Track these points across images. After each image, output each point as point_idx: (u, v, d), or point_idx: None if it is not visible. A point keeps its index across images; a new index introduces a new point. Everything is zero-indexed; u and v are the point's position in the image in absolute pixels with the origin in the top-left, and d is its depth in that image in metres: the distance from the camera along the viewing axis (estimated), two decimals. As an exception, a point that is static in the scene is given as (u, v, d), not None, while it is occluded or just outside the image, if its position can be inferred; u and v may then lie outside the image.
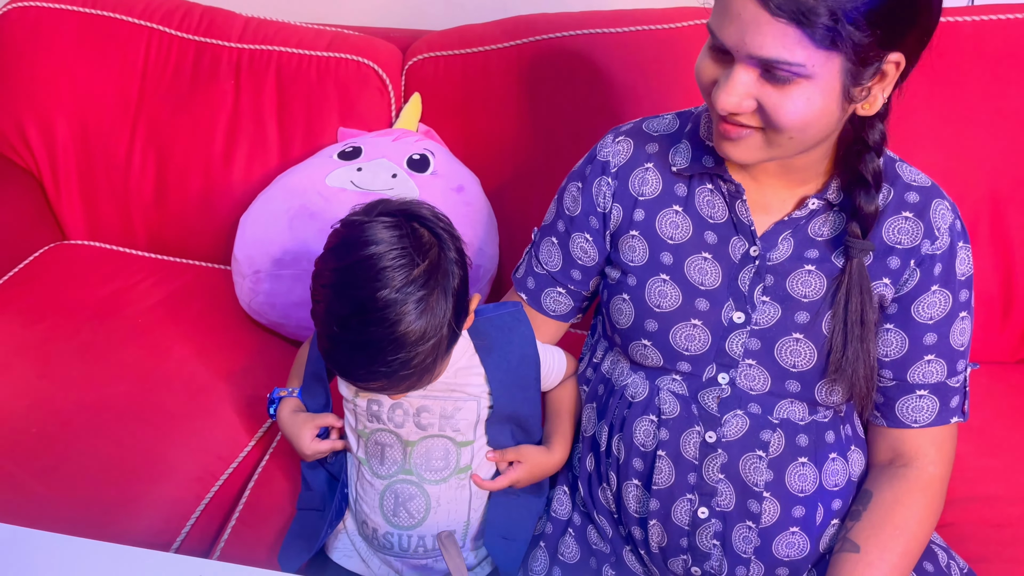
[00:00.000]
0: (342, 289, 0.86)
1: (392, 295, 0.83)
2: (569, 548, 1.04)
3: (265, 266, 1.40)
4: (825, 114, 0.81)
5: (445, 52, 1.55)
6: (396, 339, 0.84)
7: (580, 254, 1.04)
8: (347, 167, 1.44)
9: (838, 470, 0.97)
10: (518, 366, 1.00)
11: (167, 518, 1.17)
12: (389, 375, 0.86)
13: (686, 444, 0.96)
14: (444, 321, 0.87)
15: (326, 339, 0.88)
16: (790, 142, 0.84)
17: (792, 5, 0.74)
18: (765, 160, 0.87)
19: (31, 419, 1.26)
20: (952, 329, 0.94)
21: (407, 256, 0.85)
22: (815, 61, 0.77)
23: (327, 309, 0.87)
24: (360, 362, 0.86)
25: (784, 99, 0.80)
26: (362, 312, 0.84)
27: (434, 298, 0.86)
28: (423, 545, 1.01)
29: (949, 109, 1.33)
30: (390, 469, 0.99)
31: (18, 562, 0.86)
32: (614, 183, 1.00)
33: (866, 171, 0.88)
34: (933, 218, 0.92)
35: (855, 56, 0.77)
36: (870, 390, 0.93)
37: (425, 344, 0.85)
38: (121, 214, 1.65)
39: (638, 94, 1.43)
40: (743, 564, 0.96)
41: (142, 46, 1.61)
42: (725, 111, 0.83)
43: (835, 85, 0.80)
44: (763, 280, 0.94)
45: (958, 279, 0.93)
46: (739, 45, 0.79)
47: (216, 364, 1.39)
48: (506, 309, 1.02)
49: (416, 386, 0.90)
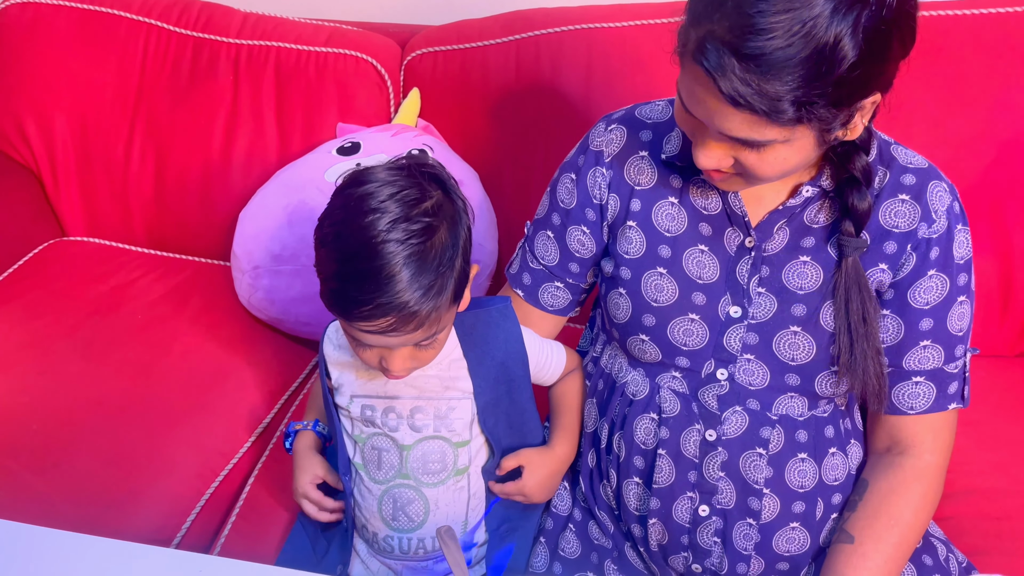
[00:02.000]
0: (347, 223, 0.84)
1: (399, 223, 0.82)
2: (570, 544, 1.04)
3: (264, 262, 1.40)
4: (803, 159, 0.83)
5: (444, 47, 1.54)
6: (408, 262, 0.82)
7: (577, 247, 1.03)
8: (346, 162, 1.44)
9: (838, 465, 0.97)
10: (503, 362, 0.98)
11: (167, 514, 1.17)
12: (392, 308, 0.82)
13: (686, 443, 0.96)
14: (452, 257, 0.85)
15: (331, 279, 0.85)
16: (768, 180, 0.85)
17: (755, 102, 0.74)
18: (752, 186, 0.89)
19: (31, 416, 1.26)
20: (950, 314, 0.93)
21: (416, 189, 0.85)
22: (784, 134, 0.78)
23: (333, 245, 0.85)
24: (367, 292, 0.82)
25: (761, 160, 0.81)
26: (370, 240, 0.82)
27: (443, 231, 0.85)
28: (423, 547, 1.01)
29: (948, 102, 1.33)
30: (387, 474, 0.99)
31: (19, 559, 0.86)
32: (609, 173, 0.99)
33: (855, 170, 0.88)
34: (930, 200, 0.91)
35: (824, 122, 0.78)
36: (882, 385, 0.92)
37: (431, 274, 0.83)
38: (120, 210, 1.65)
39: (637, 89, 1.43)
40: (744, 561, 0.96)
41: (140, 42, 1.61)
42: (705, 170, 0.85)
43: (809, 140, 0.80)
44: (759, 271, 0.94)
45: (956, 263, 0.92)
46: (709, 123, 0.80)
47: (216, 360, 1.39)
48: (493, 304, 1.01)
49: (419, 331, 0.85)
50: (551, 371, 1.05)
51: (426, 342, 0.88)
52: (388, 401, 0.97)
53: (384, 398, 0.97)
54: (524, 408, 1.03)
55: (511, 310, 1.01)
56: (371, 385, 0.98)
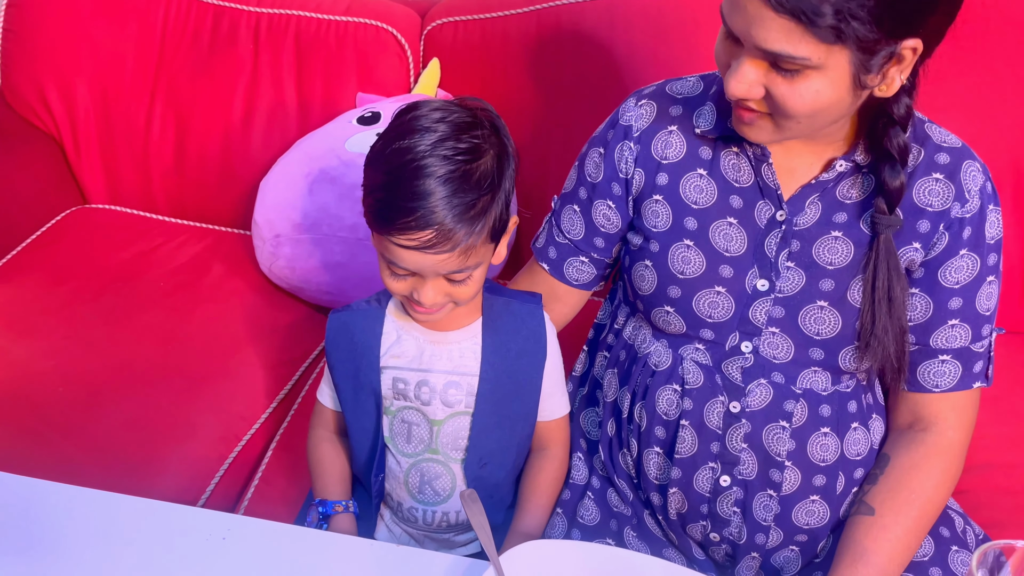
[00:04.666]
0: (396, 139, 0.85)
1: (446, 141, 0.83)
2: (589, 511, 1.05)
3: (285, 230, 1.41)
4: (835, 102, 0.82)
5: (464, 17, 1.54)
6: (450, 177, 0.83)
7: (603, 221, 1.02)
8: (366, 132, 1.44)
9: (860, 439, 0.97)
10: (517, 358, 0.97)
11: (191, 476, 1.19)
12: (431, 222, 0.82)
13: (710, 414, 0.96)
14: (493, 187, 0.86)
15: (377, 191, 0.85)
16: (800, 126, 0.84)
17: (795, 3, 0.74)
18: (780, 140, 0.88)
19: (57, 379, 1.28)
20: (979, 294, 0.93)
21: (468, 118, 0.86)
22: (821, 55, 0.77)
23: (381, 159, 0.86)
24: (410, 202, 0.83)
25: (792, 90, 0.80)
26: (416, 154, 0.83)
27: (488, 158, 0.86)
28: (447, 520, 1.01)
29: (974, 77, 1.32)
30: (416, 448, 0.98)
31: (50, 517, 0.88)
32: (636, 147, 0.99)
33: (891, 146, 0.87)
34: (964, 180, 0.91)
35: (863, 49, 0.77)
36: (902, 365, 0.93)
37: (471, 194, 0.84)
38: (141, 178, 1.66)
39: (657, 59, 1.42)
40: (762, 531, 0.97)
41: (160, 10, 1.61)
42: (734, 98, 0.84)
43: (844, 75, 0.79)
44: (789, 245, 0.94)
45: (987, 243, 0.92)
46: (745, 36, 0.79)
47: (237, 327, 1.40)
48: (528, 300, 0.99)
49: (454, 255, 0.85)
50: (548, 405, 1.01)
51: (459, 276, 0.87)
52: (422, 374, 0.96)
53: (418, 371, 0.96)
54: (522, 411, 0.99)
55: (541, 311, 0.99)
56: (404, 358, 0.97)
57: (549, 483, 1.03)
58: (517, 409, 0.99)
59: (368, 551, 0.88)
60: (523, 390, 0.98)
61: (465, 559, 0.86)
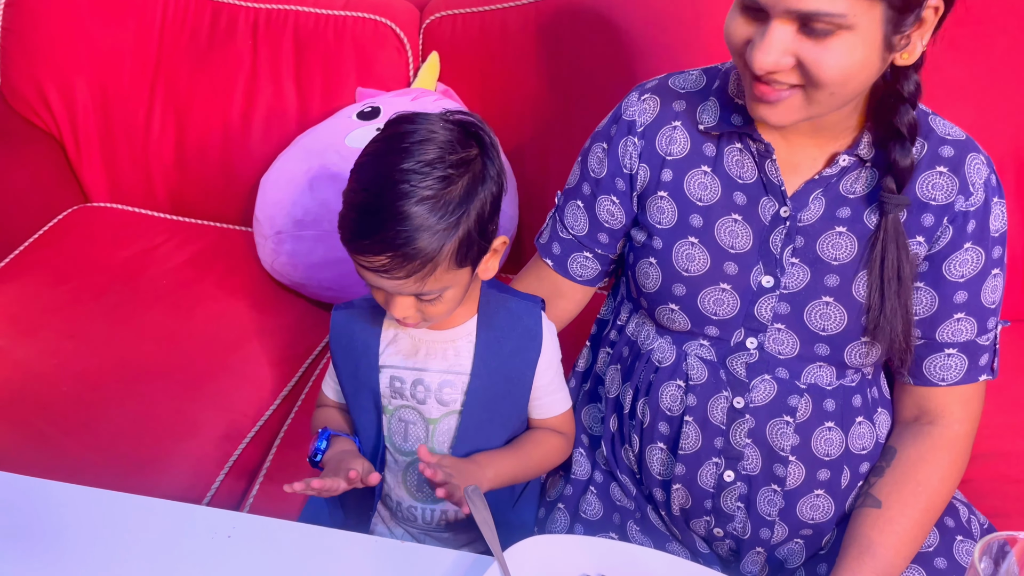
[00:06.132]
0: (376, 155, 0.85)
1: (419, 165, 0.83)
2: (591, 506, 1.04)
3: (287, 227, 1.41)
4: (866, 66, 0.80)
5: (462, 10, 1.53)
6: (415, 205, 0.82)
7: (607, 217, 1.02)
8: (366, 127, 1.44)
9: (864, 433, 0.97)
10: (511, 356, 0.96)
11: (196, 474, 1.19)
12: (387, 247, 0.82)
13: (714, 409, 0.96)
14: (460, 216, 0.84)
15: (348, 206, 0.86)
16: (831, 98, 0.82)
17: None
18: (803, 120, 0.86)
19: (61, 378, 1.28)
20: (984, 287, 0.92)
21: (452, 140, 0.85)
22: (857, 10, 0.76)
23: (358, 173, 0.86)
24: (371, 226, 0.83)
25: (824, 53, 0.78)
26: (386, 175, 0.83)
27: (459, 186, 0.84)
28: (445, 518, 1.01)
29: (976, 65, 1.31)
30: (414, 446, 0.98)
31: (54, 517, 0.88)
32: (640, 143, 0.98)
33: (901, 124, 0.86)
34: (968, 173, 0.90)
35: (895, 6, 0.76)
36: (909, 347, 0.92)
37: (434, 224, 0.82)
38: (142, 176, 1.66)
39: (657, 51, 1.41)
40: (767, 526, 0.97)
41: (158, 7, 1.60)
42: (763, 70, 0.81)
43: (876, 34, 0.78)
44: (793, 242, 0.93)
45: (991, 235, 0.91)
46: (775, 1, 0.77)
47: (240, 324, 1.41)
48: (527, 301, 0.98)
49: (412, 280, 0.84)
50: (547, 401, 1.00)
51: (426, 296, 0.87)
52: (417, 373, 0.96)
53: (413, 370, 0.96)
54: (512, 411, 0.98)
55: (539, 312, 0.98)
56: (400, 357, 0.97)
57: (540, 442, 1.01)
58: (508, 407, 0.98)
59: (373, 547, 0.88)
60: (515, 388, 0.97)
61: (470, 555, 0.87)
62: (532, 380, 0.97)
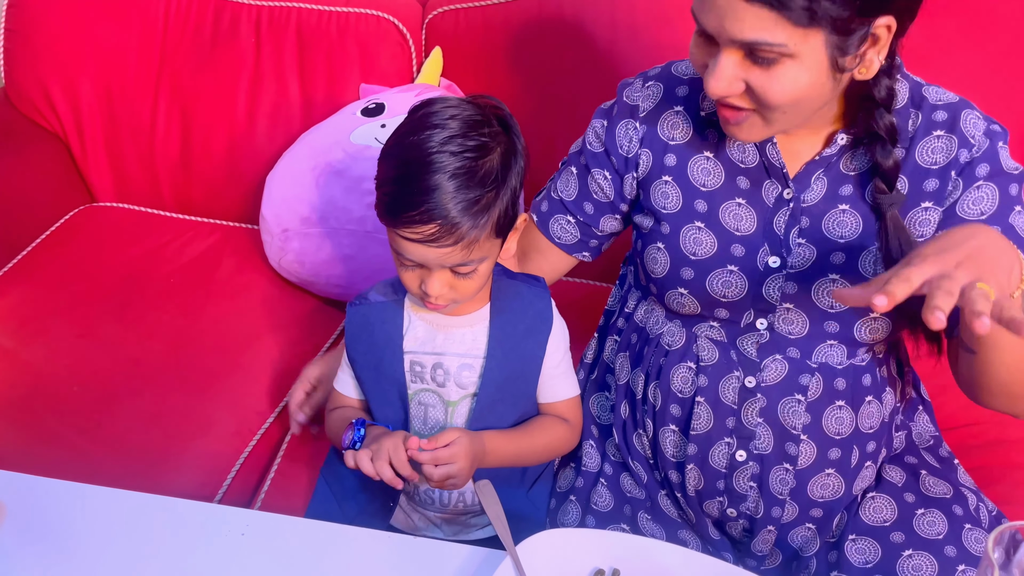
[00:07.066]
0: (408, 135, 0.88)
1: (455, 139, 0.86)
2: (602, 498, 1.05)
3: (293, 224, 1.41)
4: (815, 87, 0.82)
5: (465, 5, 1.53)
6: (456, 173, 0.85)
7: (596, 188, 1.04)
8: (371, 123, 1.44)
9: (873, 413, 0.98)
10: (523, 338, 0.98)
11: (208, 472, 1.20)
12: (436, 215, 0.85)
13: (725, 389, 0.97)
14: (499, 183, 0.88)
15: (386, 185, 0.89)
16: (786, 116, 0.84)
17: None
18: (771, 135, 0.88)
19: (72, 377, 1.29)
20: (1012, 223, 0.89)
21: (479, 116, 0.89)
22: (796, 39, 0.77)
23: (393, 154, 0.89)
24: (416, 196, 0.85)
25: (771, 79, 0.80)
26: (425, 151, 0.86)
27: (495, 155, 0.88)
28: (463, 500, 1.02)
29: (979, 53, 1.31)
30: (433, 429, 0.99)
31: (68, 516, 0.89)
32: (642, 128, 1.00)
33: (879, 128, 0.87)
34: (964, 128, 0.90)
35: (836, 30, 0.77)
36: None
37: (476, 190, 0.86)
38: (148, 175, 1.66)
39: (662, 43, 1.41)
40: (778, 505, 0.98)
41: (161, 5, 1.60)
42: (716, 96, 0.84)
43: (821, 59, 0.79)
44: (798, 223, 0.94)
45: (1006, 172, 0.90)
46: (719, 31, 0.80)
47: (249, 322, 1.41)
48: (535, 284, 1.01)
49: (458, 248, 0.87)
50: (555, 384, 1.01)
51: (464, 268, 0.90)
52: (437, 357, 0.98)
53: (433, 354, 0.98)
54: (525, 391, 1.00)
55: (547, 294, 1.00)
56: (419, 342, 0.99)
57: (545, 427, 1.02)
58: (521, 388, 1.00)
59: (386, 543, 0.88)
60: (527, 368, 0.99)
61: (482, 550, 0.87)
62: (543, 359, 0.99)
